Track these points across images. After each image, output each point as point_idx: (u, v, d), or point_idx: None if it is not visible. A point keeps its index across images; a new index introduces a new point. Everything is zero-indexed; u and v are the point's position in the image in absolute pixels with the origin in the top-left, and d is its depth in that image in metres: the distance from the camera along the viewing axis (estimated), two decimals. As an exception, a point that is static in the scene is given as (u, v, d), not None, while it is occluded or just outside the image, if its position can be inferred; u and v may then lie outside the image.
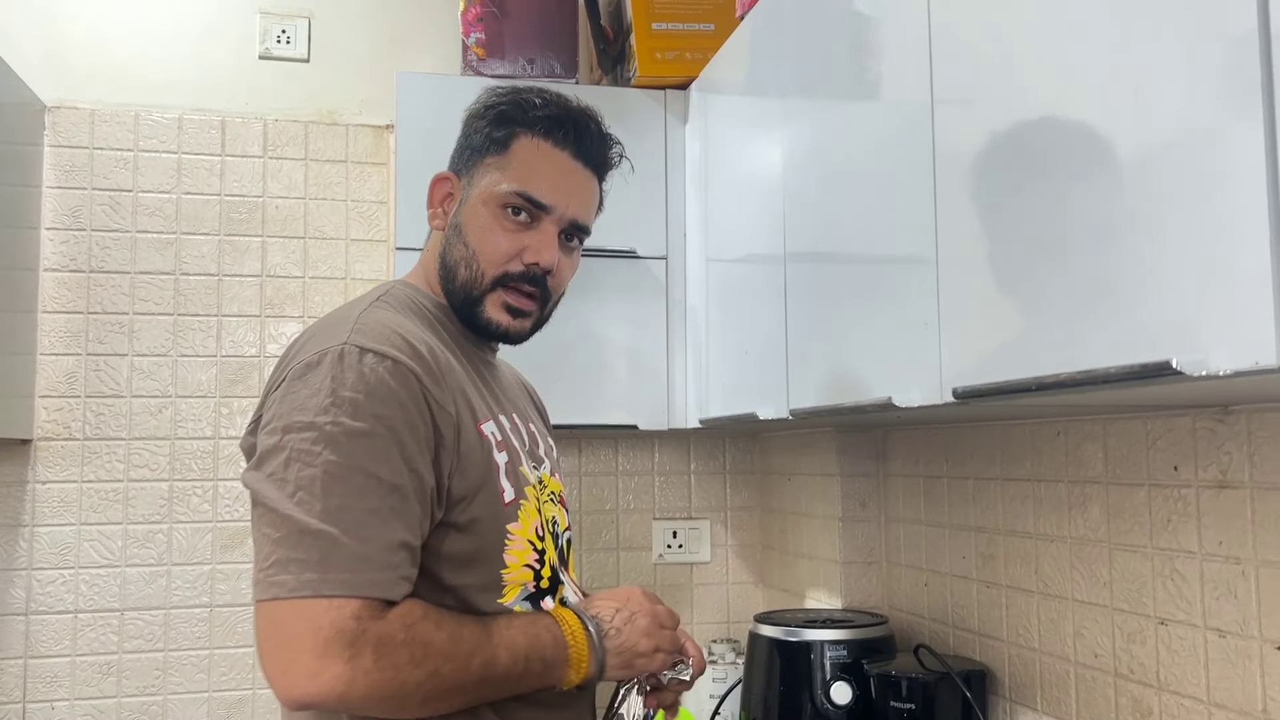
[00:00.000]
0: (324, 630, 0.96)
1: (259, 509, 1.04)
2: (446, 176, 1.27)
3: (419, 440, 1.05)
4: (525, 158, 1.22)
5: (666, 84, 2.18)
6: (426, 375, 1.07)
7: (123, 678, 2.17)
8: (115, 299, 2.24)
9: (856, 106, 1.45)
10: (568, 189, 1.23)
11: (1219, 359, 0.78)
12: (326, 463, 1.00)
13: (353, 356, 1.04)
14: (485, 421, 1.15)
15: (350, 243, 2.37)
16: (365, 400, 1.02)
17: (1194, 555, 1.25)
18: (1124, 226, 0.90)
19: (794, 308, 1.62)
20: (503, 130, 1.23)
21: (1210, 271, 0.80)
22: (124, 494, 2.21)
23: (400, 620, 1.00)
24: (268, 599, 0.99)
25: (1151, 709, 1.31)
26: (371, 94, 2.42)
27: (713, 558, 2.45)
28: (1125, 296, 0.89)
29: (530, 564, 1.16)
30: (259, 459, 1.06)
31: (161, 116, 2.30)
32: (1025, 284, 1.04)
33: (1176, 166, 0.84)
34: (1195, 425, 1.25)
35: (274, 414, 1.06)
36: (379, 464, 1.01)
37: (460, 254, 1.22)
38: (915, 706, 1.58)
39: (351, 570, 0.98)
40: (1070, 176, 0.97)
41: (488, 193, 1.21)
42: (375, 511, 1.00)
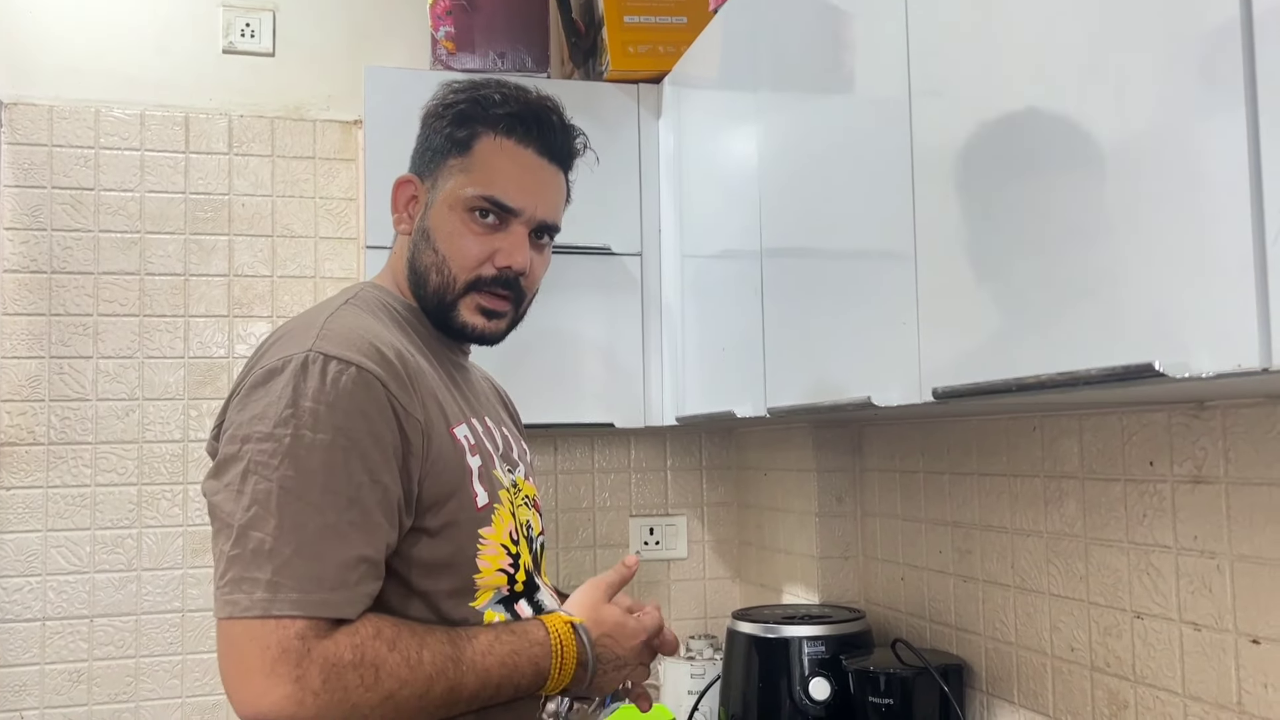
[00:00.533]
0: (271, 650, 0.95)
1: (216, 522, 1.03)
2: (409, 179, 1.25)
3: (384, 450, 1.03)
4: (489, 159, 1.20)
5: (639, 78, 2.16)
6: (393, 381, 1.05)
7: (94, 685, 2.14)
8: (78, 300, 2.20)
9: (832, 100, 1.44)
10: (535, 188, 1.21)
11: (1201, 361, 0.78)
12: (283, 477, 0.99)
13: (316, 364, 1.02)
14: (458, 425, 1.14)
15: (319, 240, 2.34)
16: (326, 411, 1.00)
17: (1169, 550, 1.26)
18: (1104, 223, 0.89)
19: (770, 304, 1.62)
20: (464, 130, 1.21)
21: (1191, 270, 0.80)
22: (91, 499, 2.17)
23: (348, 640, 0.98)
24: (223, 617, 0.98)
25: (1128, 702, 1.32)
26: (339, 89, 2.38)
27: (689, 554, 2.45)
28: (1105, 295, 0.89)
29: (504, 568, 1.15)
30: (217, 468, 1.04)
31: (123, 113, 2.26)
32: (1005, 281, 1.03)
33: (1157, 162, 0.84)
34: (1171, 421, 1.26)
35: (234, 421, 1.04)
36: (337, 478, 1.00)
37: (430, 260, 1.20)
38: (893, 701, 1.58)
39: (303, 590, 0.97)
40: (1050, 171, 0.97)
41: (453, 196, 1.20)
42: (332, 527, 0.99)
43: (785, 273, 1.58)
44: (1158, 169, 0.84)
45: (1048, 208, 0.97)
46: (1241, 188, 0.75)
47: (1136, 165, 0.86)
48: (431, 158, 1.23)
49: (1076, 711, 1.41)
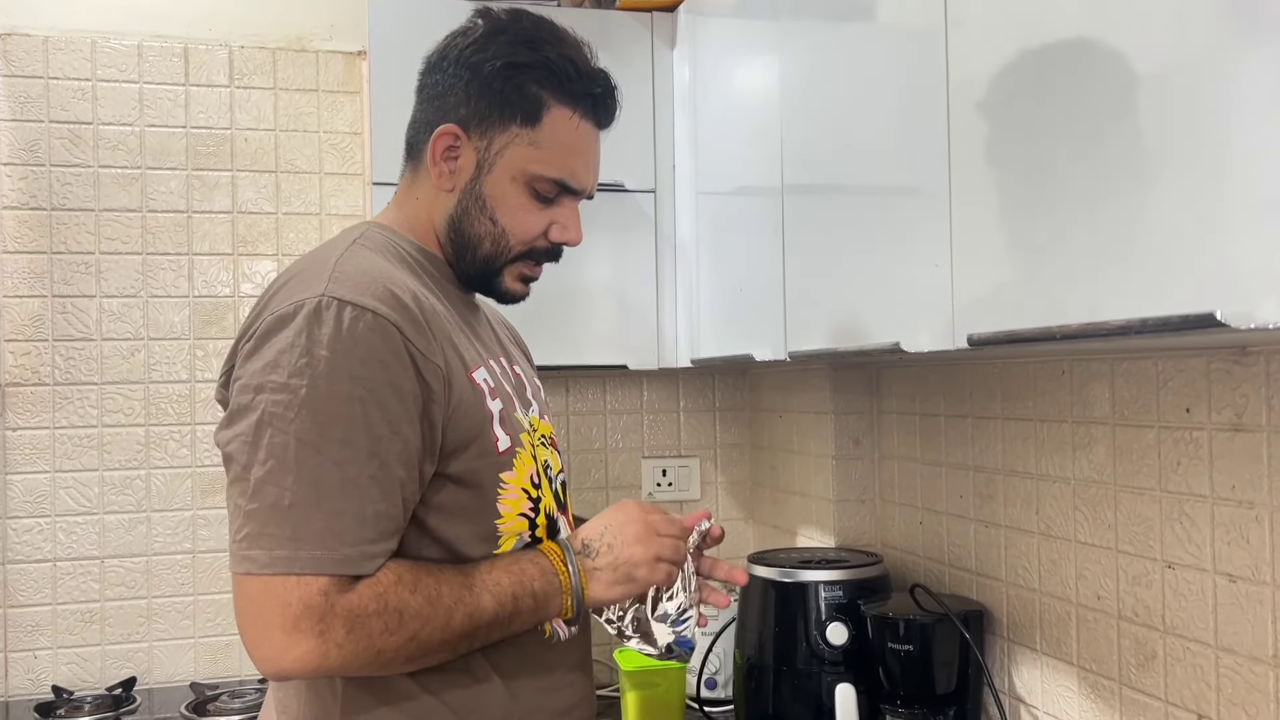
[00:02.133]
0: (293, 607, 0.94)
1: (231, 473, 1.00)
2: (452, 132, 1.15)
3: (403, 399, 1.00)
4: (561, 136, 1.15)
5: (653, 6, 2.08)
6: (410, 326, 1.02)
7: (106, 625, 2.14)
8: (80, 238, 2.15)
9: (860, 28, 1.37)
10: (595, 165, 1.21)
11: (1266, 311, 0.73)
12: (300, 430, 0.96)
13: (330, 310, 0.98)
14: (476, 369, 1.10)
15: (324, 176, 2.28)
16: (343, 359, 0.97)
17: (1205, 499, 1.22)
18: (1158, 161, 0.84)
19: (792, 243, 1.57)
20: (532, 97, 1.14)
21: (1252, 213, 0.75)
22: (99, 440, 2.15)
23: (370, 591, 0.97)
24: (240, 573, 0.97)
25: (1156, 651, 1.30)
26: (342, 18, 2.31)
27: (702, 495, 2.43)
28: (1158, 238, 0.84)
29: (525, 512, 1.13)
30: (229, 417, 1.01)
31: (120, 44, 2.19)
32: (1046, 222, 0.98)
33: (1219, 95, 0.78)
34: (1210, 367, 1.21)
35: (246, 369, 1.01)
36: (357, 429, 0.97)
37: (485, 230, 1.16)
38: (913, 647, 1.57)
39: (324, 547, 0.95)
40: (1099, 107, 0.91)
41: (519, 170, 1.15)
42: (352, 482, 0.97)
43: (807, 210, 1.53)
44: (1219, 102, 0.78)
45: (1096, 147, 0.91)
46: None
47: (1195, 99, 0.81)
48: (486, 114, 1.14)
49: (1101, 660, 1.39)
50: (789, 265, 1.57)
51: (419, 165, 1.20)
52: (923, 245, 1.19)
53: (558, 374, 2.26)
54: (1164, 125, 0.84)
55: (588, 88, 1.16)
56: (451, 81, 1.16)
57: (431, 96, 1.18)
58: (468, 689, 1.07)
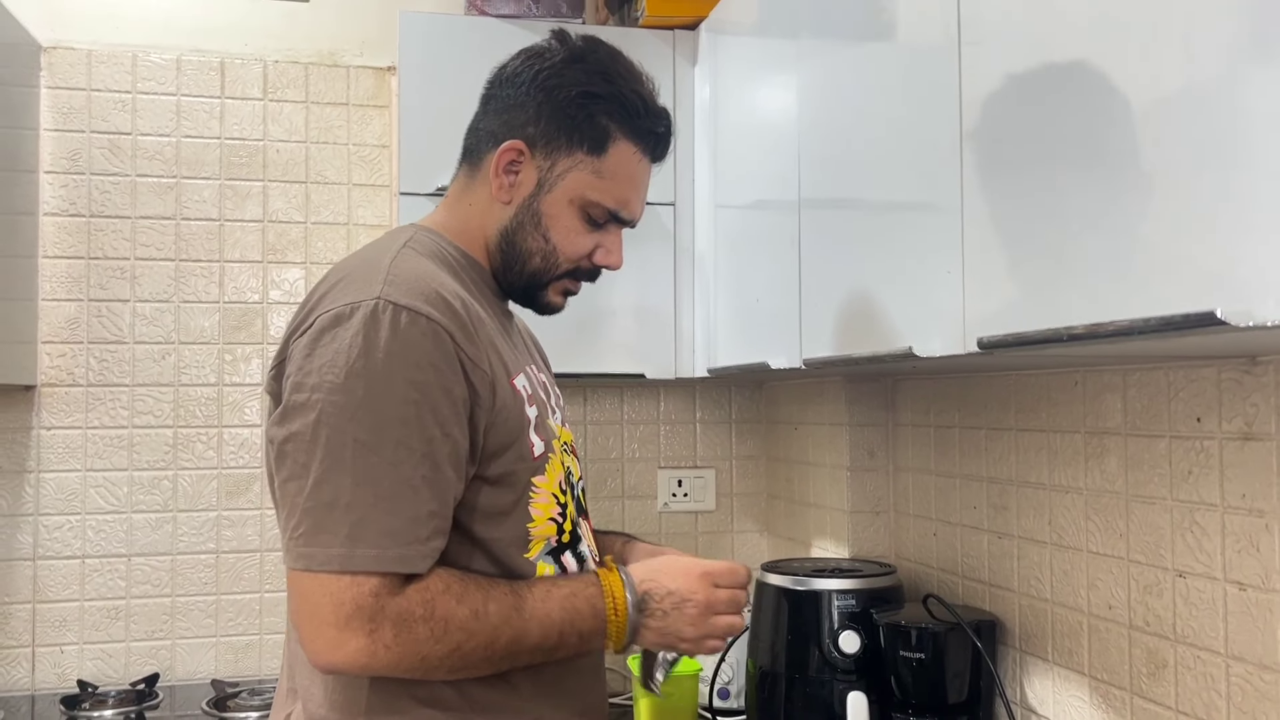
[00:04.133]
0: (345, 606, 0.97)
1: (286, 469, 1.02)
2: (518, 147, 1.19)
3: (454, 402, 1.03)
4: (623, 169, 1.20)
5: (675, 24, 2.12)
6: (460, 332, 1.05)
7: (131, 622, 2.18)
8: (116, 244, 2.21)
9: (875, 47, 1.40)
10: (644, 197, 1.26)
11: (1266, 309, 0.75)
12: (358, 430, 0.99)
13: (386, 313, 1.01)
14: (516, 375, 1.13)
15: (352, 187, 2.33)
16: (399, 363, 1.00)
17: (1215, 508, 1.23)
18: (1161, 170, 0.87)
19: (808, 255, 1.59)
20: (601, 126, 1.18)
21: (1255, 216, 0.77)
22: (129, 440, 2.20)
23: (419, 596, 1.00)
24: (298, 569, 1.00)
25: (1167, 660, 1.30)
26: (372, 35, 2.36)
27: (718, 506, 2.44)
28: (1162, 243, 0.86)
29: (554, 518, 1.16)
30: (285, 414, 1.03)
31: (160, 58, 2.25)
32: (1054, 231, 1.01)
33: (1219, 105, 0.81)
34: (1220, 376, 1.23)
35: (302, 367, 1.03)
36: (411, 431, 1.00)
37: (537, 246, 1.20)
38: (925, 656, 1.57)
39: (379, 546, 0.98)
40: (1107, 121, 0.93)
41: (579, 195, 1.19)
42: (406, 482, 0.99)
43: (823, 223, 1.56)
44: (1221, 116, 0.81)
45: (1102, 157, 0.94)
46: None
47: (1196, 106, 0.83)
48: (554, 137, 1.18)
49: (1113, 669, 1.40)
50: (805, 276, 1.60)
51: (476, 172, 1.22)
52: (935, 255, 1.21)
53: (576, 382, 2.29)
54: (1167, 137, 0.86)
55: (653, 125, 1.21)
56: (524, 99, 1.19)
57: (500, 109, 1.21)
58: (493, 686, 1.08)
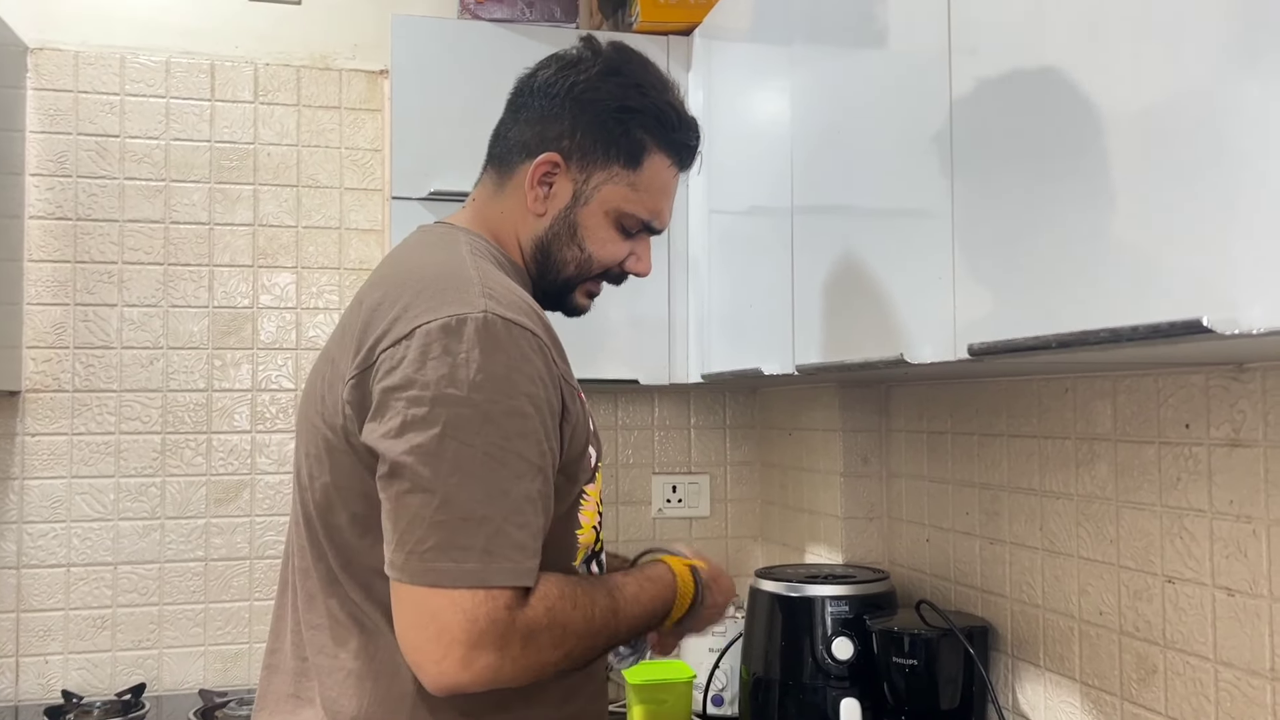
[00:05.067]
0: (480, 622, 0.96)
1: (405, 482, 0.98)
2: (553, 160, 1.19)
3: (555, 416, 1.05)
4: (657, 182, 1.22)
5: (669, 30, 2.13)
6: (554, 346, 1.07)
7: (117, 631, 2.16)
8: (103, 248, 2.20)
9: (868, 54, 1.41)
10: (673, 208, 1.28)
11: (1252, 317, 0.75)
12: (488, 444, 0.98)
13: (497, 327, 1.01)
14: (579, 387, 1.15)
15: (344, 191, 2.32)
16: (517, 377, 1.01)
17: (1204, 514, 1.23)
18: (1150, 178, 0.87)
19: (800, 260, 1.59)
20: (636, 140, 1.19)
21: (1242, 223, 0.77)
22: (115, 446, 2.18)
23: (543, 605, 1.01)
24: (426, 584, 0.97)
25: (1156, 666, 1.31)
26: (365, 38, 2.36)
27: (712, 512, 2.44)
28: (1150, 250, 0.87)
29: (596, 525, 1.17)
30: (401, 426, 0.99)
31: (149, 59, 2.24)
32: (1045, 237, 1.01)
33: (1208, 113, 0.81)
34: (1208, 383, 1.23)
35: (412, 379, 0.99)
36: (530, 446, 1.01)
37: (573, 255, 1.22)
38: (918, 662, 1.57)
39: (514, 560, 0.98)
40: (1096, 128, 0.94)
41: (613, 206, 1.20)
42: (528, 495, 1.00)
43: (816, 229, 1.56)
44: (1208, 124, 0.81)
45: (1091, 164, 0.94)
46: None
47: (1185, 115, 0.83)
48: (590, 150, 1.19)
49: (1104, 675, 1.40)
50: (798, 282, 1.60)
51: (505, 180, 1.22)
52: (927, 262, 1.22)
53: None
54: (1155, 144, 0.86)
55: (686, 138, 1.23)
56: (558, 111, 1.19)
57: (532, 119, 1.20)
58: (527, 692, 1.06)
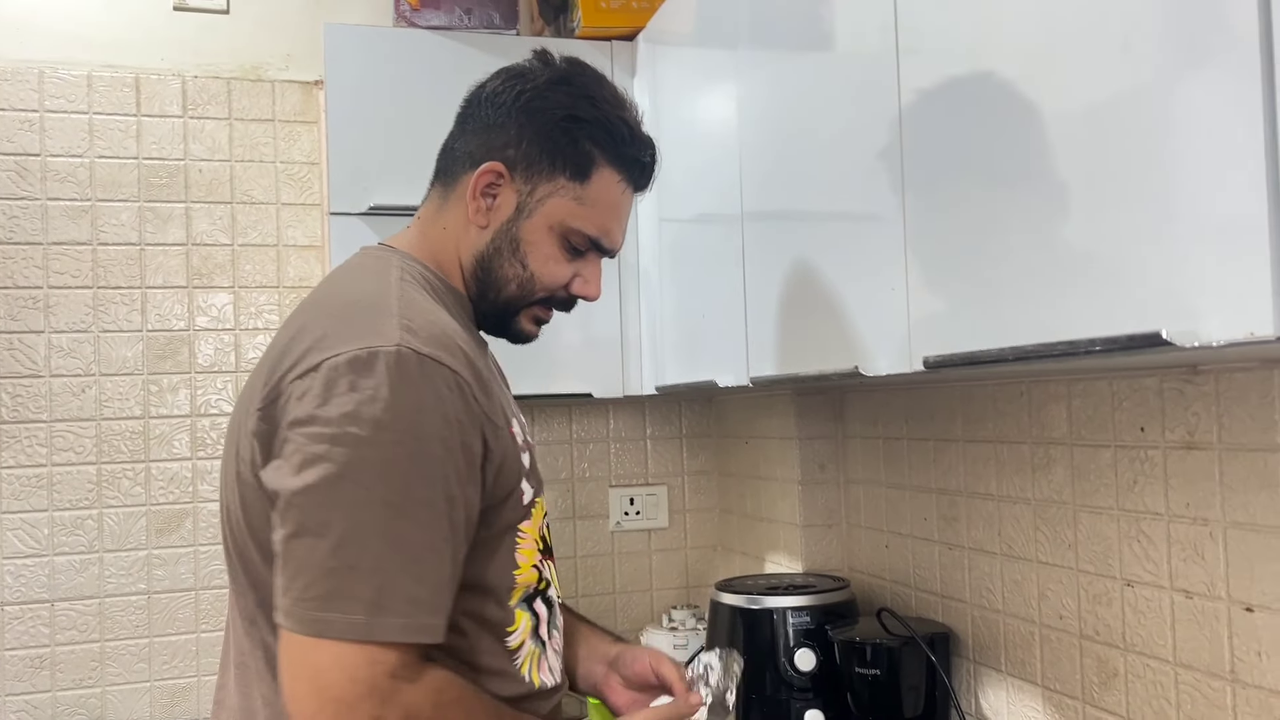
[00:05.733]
0: (360, 684, 0.91)
1: (293, 524, 0.94)
2: (497, 169, 1.14)
3: (470, 460, 0.99)
4: (605, 198, 1.16)
5: (612, 35, 2.09)
6: (476, 383, 1.01)
7: (57, 670, 2.08)
8: (27, 272, 2.11)
9: (815, 57, 1.39)
10: (626, 226, 1.22)
11: (1211, 329, 0.74)
12: (388, 488, 0.93)
13: (410, 363, 0.96)
14: (512, 421, 1.10)
15: (281, 207, 2.26)
16: (427, 417, 0.95)
17: (1161, 516, 1.23)
18: (1104, 185, 0.85)
19: (752, 270, 1.57)
20: (586, 154, 1.14)
21: (1199, 233, 0.76)
22: (48, 479, 2.10)
23: (431, 696, 0.95)
24: (311, 635, 0.92)
25: (1117, 669, 1.30)
26: (298, 48, 2.29)
27: (671, 523, 2.41)
28: (1106, 259, 0.85)
29: (536, 564, 1.12)
30: (299, 465, 0.95)
31: (69, 74, 2.16)
32: (998, 245, 0.99)
33: (1162, 119, 0.80)
34: (1162, 386, 1.23)
35: (314, 415, 0.95)
36: (436, 492, 0.96)
37: (514, 273, 1.15)
38: (880, 672, 1.56)
39: (405, 614, 0.93)
40: (1046, 131, 0.92)
41: (559, 222, 1.14)
42: (431, 546, 0.95)
43: (767, 237, 1.53)
44: (1161, 124, 0.80)
45: (1044, 171, 0.93)
46: (1255, 144, 0.71)
47: (1139, 120, 0.82)
48: (536, 161, 1.14)
49: (1064, 679, 1.39)
50: (750, 292, 1.58)
51: (449, 193, 1.18)
52: (879, 270, 1.20)
53: (523, 403, 2.23)
54: (1111, 152, 0.85)
55: (638, 154, 1.17)
56: (504, 120, 1.14)
57: (478, 129, 1.16)
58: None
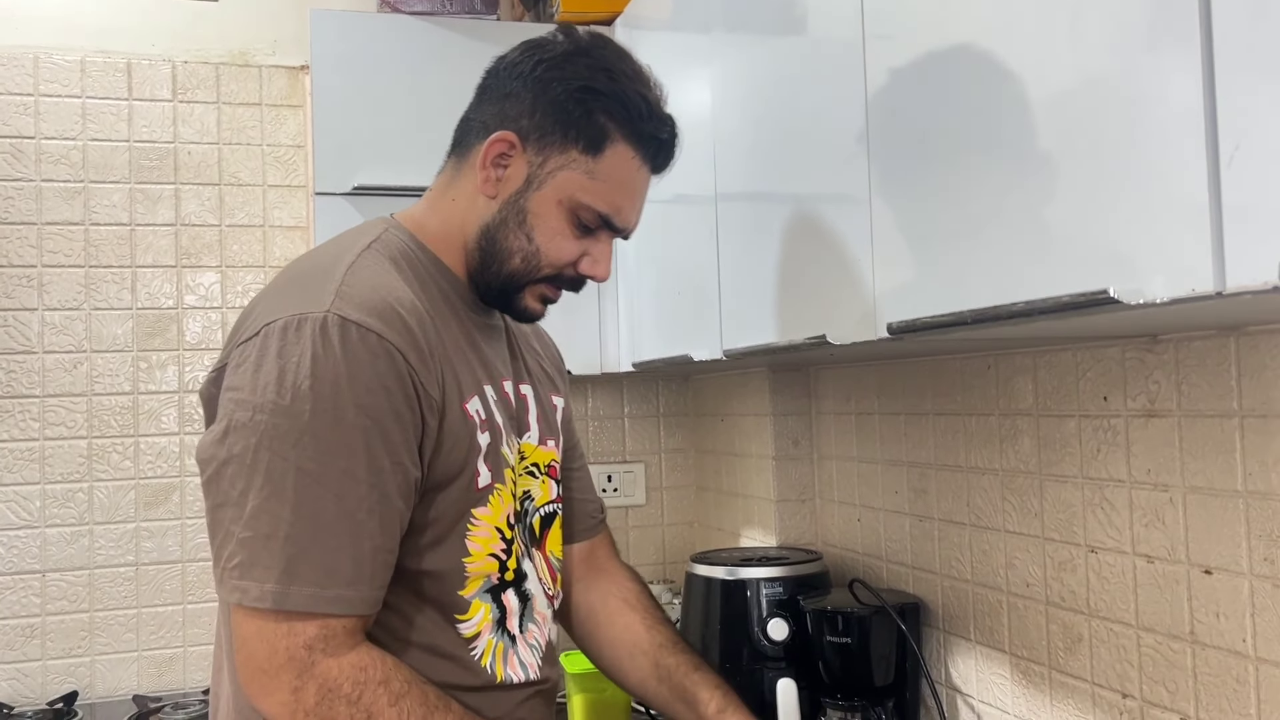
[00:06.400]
0: (278, 654, 0.93)
1: (220, 493, 0.96)
2: (508, 139, 1.10)
3: (404, 429, 0.97)
4: (618, 173, 1.11)
5: (591, 20, 2.12)
6: (413, 352, 0.99)
7: (47, 640, 2.11)
8: (22, 251, 2.14)
9: (786, 41, 1.42)
10: (640, 207, 1.17)
11: (1156, 287, 0.78)
12: (301, 457, 0.93)
13: (334, 329, 0.95)
14: (470, 398, 1.07)
15: (268, 189, 2.29)
16: (348, 385, 0.94)
17: (1123, 484, 1.27)
18: (1058, 157, 0.89)
19: (725, 247, 1.60)
20: (600, 126, 1.09)
21: (1144, 198, 0.80)
22: (40, 453, 2.13)
23: (353, 674, 0.95)
24: (233, 603, 0.95)
25: (1082, 635, 1.34)
26: (285, 33, 2.32)
27: (648, 500, 2.45)
28: (1060, 228, 0.89)
29: (496, 554, 1.09)
30: (223, 431, 0.97)
31: (63, 59, 2.19)
32: (958, 217, 1.03)
33: (1111, 95, 0.83)
34: (1124, 355, 1.26)
35: (243, 383, 0.97)
36: (358, 460, 0.94)
37: (519, 245, 1.11)
38: (851, 640, 1.59)
39: (318, 584, 0.93)
40: (1003, 109, 0.96)
41: (568, 196, 1.10)
42: (350, 515, 0.94)
43: (740, 216, 1.57)
44: (1111, 103, 0.83)
45: (1001, 144, 0.96)
46: (1195, 111, 0.74)
47: (1090, 100, 0.85)
48: (549, 131, 1.09)
49: (1032, 646, 1.43)
50: (724, 268, 1.61)
51: (462, 163, 1.15)
52: (847, 245, 1.23)
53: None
54: (1065, 124, 0.88)
55: (655, 130, 1.12)
56: (519, 89, 1.11)
57: (494, 99, 1.13)
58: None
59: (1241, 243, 0.71)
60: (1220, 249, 0.72)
